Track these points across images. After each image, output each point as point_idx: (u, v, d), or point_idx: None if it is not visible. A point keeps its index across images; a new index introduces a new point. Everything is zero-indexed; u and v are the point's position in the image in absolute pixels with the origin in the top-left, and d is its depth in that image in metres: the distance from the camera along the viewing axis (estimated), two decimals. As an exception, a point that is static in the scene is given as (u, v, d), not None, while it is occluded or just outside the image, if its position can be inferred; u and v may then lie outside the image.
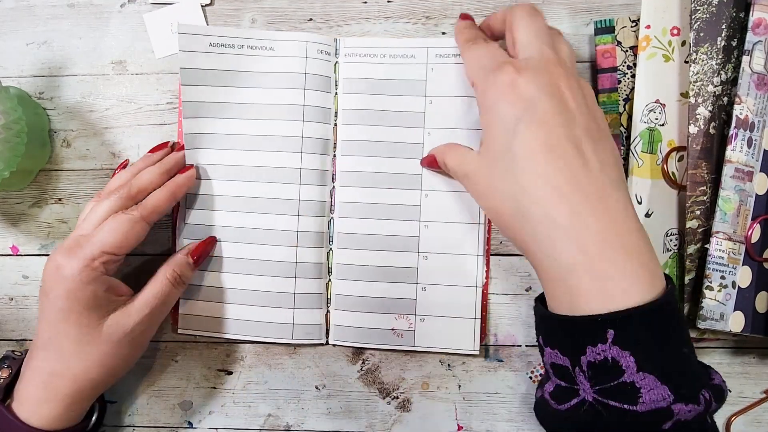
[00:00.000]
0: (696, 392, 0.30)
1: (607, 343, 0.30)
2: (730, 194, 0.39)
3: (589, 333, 0.30)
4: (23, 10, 0.46)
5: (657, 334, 0.30)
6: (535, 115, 0.33)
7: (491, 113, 0.35)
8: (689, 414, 0.30)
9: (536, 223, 0.32)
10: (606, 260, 0.31)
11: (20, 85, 0.46)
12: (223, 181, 0.44)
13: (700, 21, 0.40)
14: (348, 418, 0.45)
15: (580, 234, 0.31)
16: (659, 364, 0.30)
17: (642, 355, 0.29)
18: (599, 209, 0.31)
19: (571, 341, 0.32)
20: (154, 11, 0.46)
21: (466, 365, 0.45)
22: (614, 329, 0.30)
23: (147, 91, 0.46)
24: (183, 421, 0.46)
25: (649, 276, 0.31)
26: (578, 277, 0.31)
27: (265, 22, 0.46)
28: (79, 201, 0.46)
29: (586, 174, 0.32)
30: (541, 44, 0.35)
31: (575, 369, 0.31)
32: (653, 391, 0.29)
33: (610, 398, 0.30)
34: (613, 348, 0.30)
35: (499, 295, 0.45)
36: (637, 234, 0.32)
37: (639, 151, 0.42)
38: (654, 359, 0.30)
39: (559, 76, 0.34)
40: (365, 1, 0.46)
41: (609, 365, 0.30)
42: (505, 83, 0.34)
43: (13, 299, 0.46)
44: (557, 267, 0.32)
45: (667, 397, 0.29)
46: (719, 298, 0.39)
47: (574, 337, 0.31)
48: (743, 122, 0.39)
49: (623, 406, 0.30)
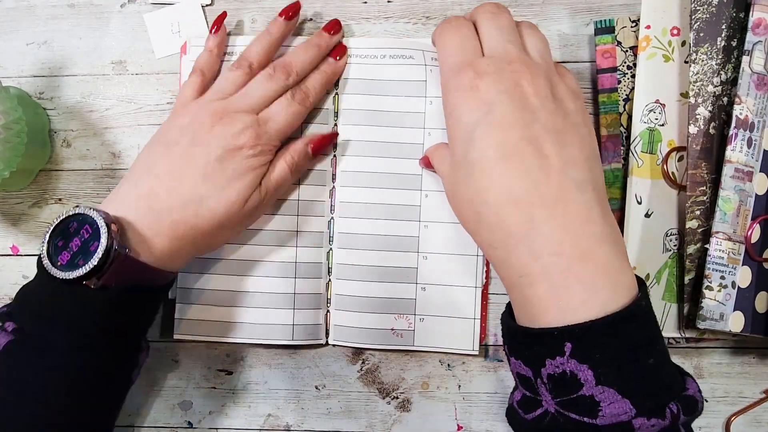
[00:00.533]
0: (662, 405, 0.29)
1: (564, 357, 0.29)
2: (730, 194, 0.39)
3: (547, 345, 0.30)
4: (23, 10, 0.46)
5: (619, 346, 0.29)
6: (492, 119, 0.32)
7: (452, 118, 0.34)
8: (652, 428, 0.29)
9: (493, 232, 0.32)
10: (562, 270, 0.30)
11: (20, 85, 0.46)
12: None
13: (700, 21, 0.41)
14: (348, 418, 0.45)
15: (534, 242, 0.30)
16: (620, 378, 0.29)
17: (601, 369, 0.29)
18: (556, 215, 0.30)
19: (531, 353, 0.31)
20: (155, 11, 0.46)
21: (466, 365, 0.45)
22: (571, 342, 0.29)
23: (147, 91, 0.46)
24: (183, 421, 0.46)
25: (610, 285, 0.30)
26: (534, 288, 0.30)
27: (265, 22, 0.46)
28: (79, 201, 0.46)
29: (545, 176, 0.31)
30: (506, 42, 0.34)
31: (537, 380, 0.31)
32: (614, 404, 0.29)
33: (570, 411, 0.30)
34: (571, 361, 0.29)
35: (499, 295, 0.45)
36: (600, 240, 0.30)
37: (639, 151, 0.42)
38: (614, 372, 0.29)
39: (521, 73, 0.33)
40: (365, 1, 0.46)
41: (567, 378, 0.29)
42: (465, 87, 0.33)
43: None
44: (514, 276, 0.31)
45: (629, 411, 0.28)
46: (719, 298, 0.39)
47: (533, 349, 0.31)
48: (743, 122, 0.39)
49: (583, 419, 0.29)
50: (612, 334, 0.29)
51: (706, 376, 0.44)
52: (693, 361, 0.44)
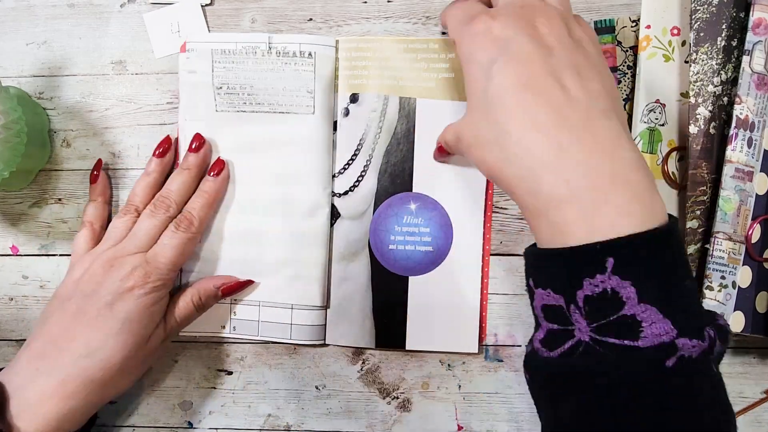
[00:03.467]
0: (701, 328, 0.28)
1: (606, 273, 0.28)
2: (731, 194, 0.39)
3: (587, 263, 0.28)
4: (23, 10, 0.46)
5: (658, 263, 0.28)
6: (509, 54, 0.32)
7: (469, 64, 0.34)
8: (694, 350, 0.27)
9: (520, 163, 0.31)
10: (592, 191, 0.29)
11: (20, 85, 0.46)
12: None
13: (700, 21, 0.40)
14: (348, 419, 0.45)
15: (563, 166, 0.29)
16: (661, 296, 0.28)
17: (643, 286, 0.27)
18: (585, 138, 0.29)
19: (566, 275, 0.29)
20: (154, 11, 0.46)
21: (466, 365, 0.45)
22: (613, 257, 0.28)
23: (147, 91, 0.46)
24: (183, 421, 0.46)
25: (643, 209, 0.29)
26: (563, 211, 0.29)
27: (265, 22, 0.46)
28: (79, 201, 0.46)
29: (569, 105, 0.30)
30: None
31: (570, 307, 0.29)
32: (655, 324, 0.27)
33: (608, 335, 0.28)
34: (613, 278, 0.28)
35: (499, 295, 0.45)
36: (630, 164, 0.30)
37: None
38: (656, 290, 0.28)
39: (536, 12, 0.33)
40: (365, 1, 0.45)
41: (608, 297, 0.28)
42: (480, 31, 0.33)
43: (13, 299, 0.46)
44: (542, 201, 0.30)
45: (670, 331, 0.27)
46: (719, 298, 0.39)
47: (569, 271, 0.29)
48: (743, 122, 0.39)
49: (623, 342, 0.28)
50: (654, 250, 0.28)
51: (707, 376, 0.44)
52: (693, 361, 0.44)
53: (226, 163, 0.43)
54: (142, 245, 0.40)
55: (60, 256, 0.46)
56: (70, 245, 0.45)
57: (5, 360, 0.46)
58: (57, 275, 0.46)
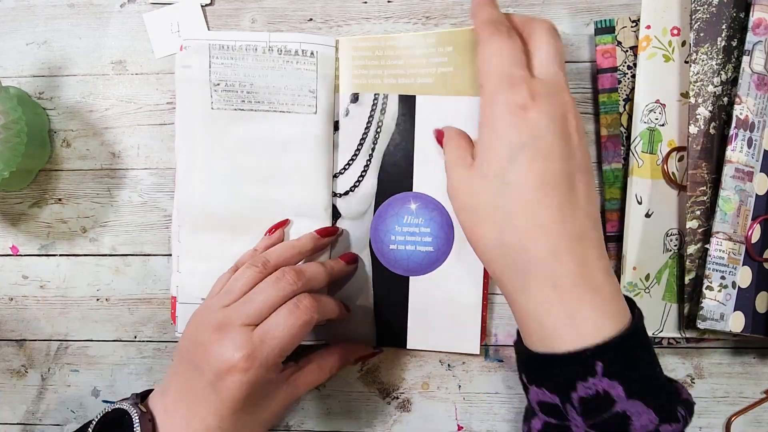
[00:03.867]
0: (674, 410, 0.31)
1: (596, 377, 0.30)
2: (731, 194, 0.39)
3: (579, 368, 0.30)
4: (23, 10, 0.46)
5: (636, 359, 0.31)
6: (540, 147, 0.32)
7: (495, 132, 0.34)
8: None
9: (515, 255, 0.32)
10: (577, 299, 0.31)
11: (20, 85, 0.46)
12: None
13: (700, 21, 0.40)
14: (348, 419, 0.45)
15: (556, 273, 0.31)
16: (643, 389, 0.30)
17: (629, 383, 0.30)
18: (576, 249, 0.32)
19: (561, 379, 0.31)
20: (154, 11, 0.46)
21: (466, 365, 0.45)
22: (602, 361, 0.30)
23: (147, 91, 0.46)
24: (183, 422, 0.46)
25: (615, 308, 0.31)
26: (552, 317, 0.31)
27: (265, 22, 0.46)
28: (79, 201, 0.46)
29: (572, 213, 0.32)
30: (557, 69, 0.34)
31: (566, 405, 0.31)
32: (642, 416, 0.30)
33: (603, 430, 0.30)
34: (603, 380, 0.30)
35: (499, 295, 0.45)
36: (605, 272, 0.32)
37: (639, 151, 0.42)
38: (638, 385, 0.30)
39: (569, 107, 0.34)
40: (365, 1, 0.45)
41: (601, 397, 0.30)
42: (517, 105, 0.33)
43: (13, 299, 0.46)
44: (531, 302, 0.32)
45: (654, 420, 0.30)
46: (719, 298, 0.39)
47: (562, 375, 0.31)
48: (743, 122, 0.39)
49: None
50: (634, 348, 0.31)
51: (707, 377, 0.44)
52: (693, 362, 0.44)
53: (359, 258, 0.44)
54: (253, 317, 0.36)
55: (60, 256, 0.46)
56: (68, 245, 0.46)
57: (5, 360, 0.46)
58: (57, 275, 0.46)
